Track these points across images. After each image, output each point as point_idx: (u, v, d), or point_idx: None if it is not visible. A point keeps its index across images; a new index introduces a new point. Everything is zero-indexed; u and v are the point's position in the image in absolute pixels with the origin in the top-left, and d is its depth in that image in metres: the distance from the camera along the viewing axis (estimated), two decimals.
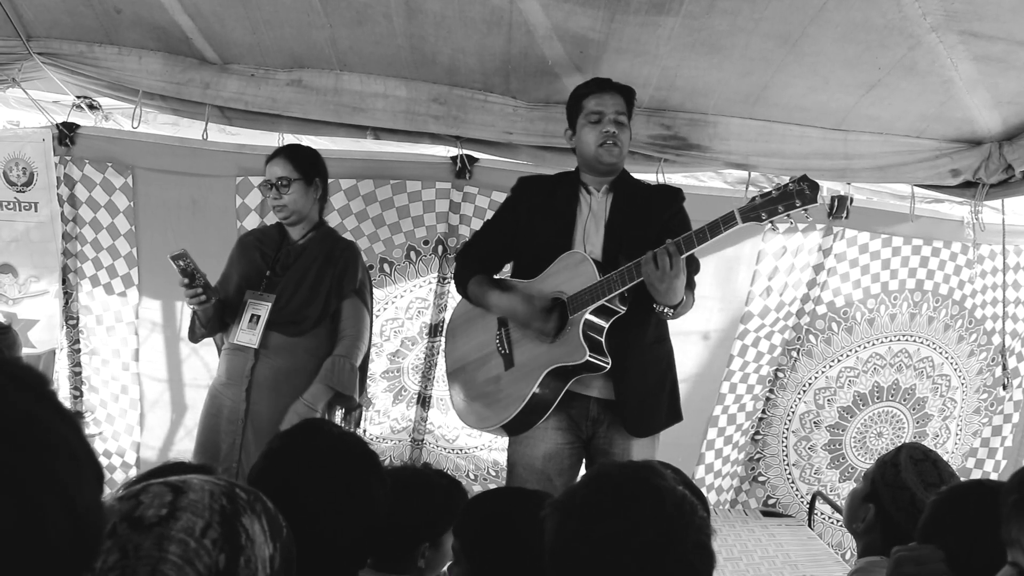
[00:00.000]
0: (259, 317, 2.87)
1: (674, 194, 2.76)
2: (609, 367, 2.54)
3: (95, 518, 0.77)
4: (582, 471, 2.70)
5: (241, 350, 2.86)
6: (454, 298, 3.84)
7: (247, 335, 2.84)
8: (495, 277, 2.83)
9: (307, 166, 2.96)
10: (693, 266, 2.61)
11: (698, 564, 1.20)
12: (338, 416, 3.02)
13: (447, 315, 3.87)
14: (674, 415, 2.77)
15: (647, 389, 2.66)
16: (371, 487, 1.59)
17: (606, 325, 2.54)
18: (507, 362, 2.68)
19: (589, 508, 1.23)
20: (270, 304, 2.89)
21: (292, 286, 2.86)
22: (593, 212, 2.69)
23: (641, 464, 1.32)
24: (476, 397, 2.78)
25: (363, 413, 3.20)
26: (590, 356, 2.49)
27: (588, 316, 2.50)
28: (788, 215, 2.29)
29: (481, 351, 2.79)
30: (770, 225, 2.32)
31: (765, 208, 2.30)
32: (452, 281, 3.78)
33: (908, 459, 1.94)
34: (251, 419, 2.82)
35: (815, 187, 2.26)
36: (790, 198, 2.27)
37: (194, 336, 2.99)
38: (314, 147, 3.82)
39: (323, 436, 1.65)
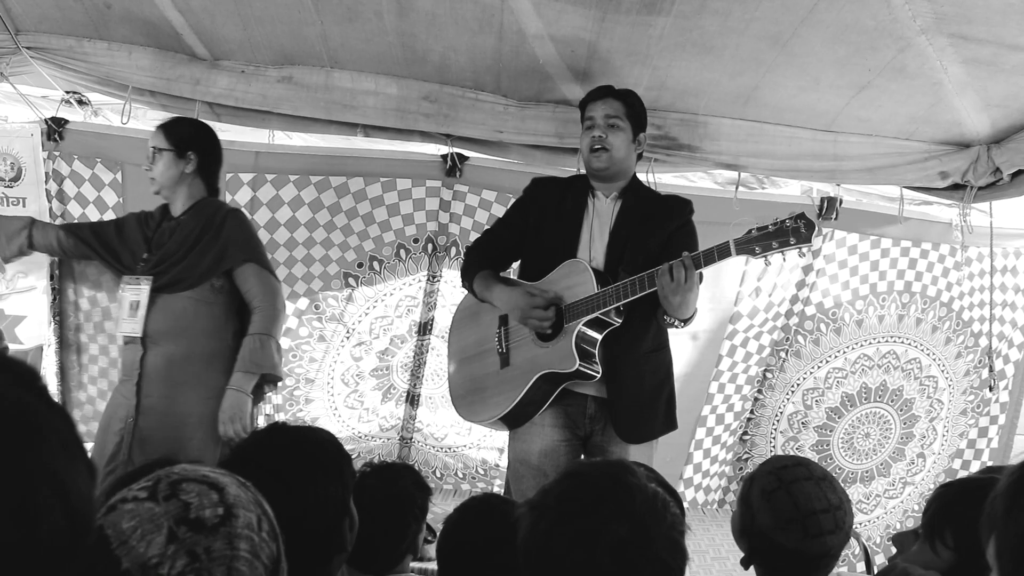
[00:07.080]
0: (139, 303, 2.74)
1: (681, 206, 2.76)
2: (599, 376, 2.58)
3: (87, 511, 0.77)
4: None
5: (131, 342, 2.74)
6: (444, 296, 3.84)
7: (130, 324, 2.72)
8: (500, 275, 2.87)
9: (179, 138, 2.84)
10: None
11: (670, 561, 1.21)
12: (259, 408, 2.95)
13: (436, 313, 3.88)
14: (670, 423, 2.80)
15: (642, 397, 2.69)
16: (344, 472, 1.61)
17: (600, 336, 2.58)
18: (503, 361, 2.73)
19: (561, 506, 1.24)
20: (148, 287, 2.75)
21: (171, 256, 2.75)
22: (599, 218, 2.72)
23: (613, 462, 1.33)
24: (471, 391, 2.84)
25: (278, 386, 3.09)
26: (580, 365, 2.53)
27: (582, 326, 2.55)
28: (782, 252, 2.33)
29: (480, 347, 2.84)
30: (764, 260, 2.36)
31: (760, 242, 2.33)
32: (441, 280, 3.79)
33: (760, 495, 1.72)
34: (142, 413, 2.69)
35: (811, 227, 2.29)
36: (785, 235, 2.30)
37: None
38: (296, 142, 3.75)
39: (293, 428, 1.68)
